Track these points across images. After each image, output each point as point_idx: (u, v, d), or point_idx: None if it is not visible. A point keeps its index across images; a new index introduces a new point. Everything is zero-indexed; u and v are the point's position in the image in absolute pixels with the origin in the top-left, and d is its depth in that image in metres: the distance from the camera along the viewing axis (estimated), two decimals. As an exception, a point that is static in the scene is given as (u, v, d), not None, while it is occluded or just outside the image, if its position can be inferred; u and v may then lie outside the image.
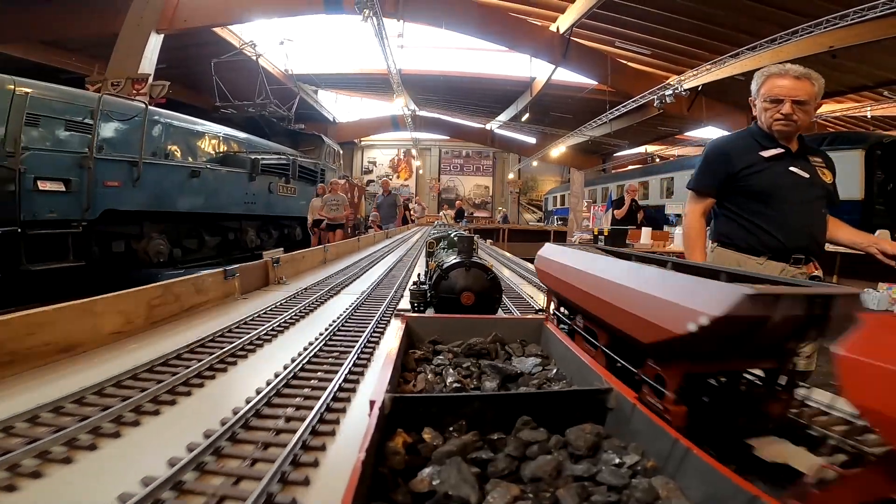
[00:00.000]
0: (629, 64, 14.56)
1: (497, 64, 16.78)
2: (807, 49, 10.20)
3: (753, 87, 2.10)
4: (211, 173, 6.92)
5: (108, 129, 5.47)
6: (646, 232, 7.34)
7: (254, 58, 11.15)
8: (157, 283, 1.88)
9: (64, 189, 4.79)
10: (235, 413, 0.98)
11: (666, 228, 9.68)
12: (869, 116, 15.53)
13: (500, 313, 1.86)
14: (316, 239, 8.56)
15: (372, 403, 0.63)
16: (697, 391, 0.88)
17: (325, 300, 2.39)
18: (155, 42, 9.93)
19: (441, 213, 20.19)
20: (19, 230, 4.22)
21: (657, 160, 20.80)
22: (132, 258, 5.82)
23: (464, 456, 0.59)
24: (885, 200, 8.25)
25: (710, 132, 18.26)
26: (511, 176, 26.32)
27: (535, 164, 24.89)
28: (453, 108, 21.75)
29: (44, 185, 4.61)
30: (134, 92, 8.66)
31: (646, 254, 1.28)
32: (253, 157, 7.86)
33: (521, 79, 16.96)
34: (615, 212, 8.72)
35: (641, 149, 23.93)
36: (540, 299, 2.46)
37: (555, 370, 0.94)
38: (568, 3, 11.77)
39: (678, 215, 11.34)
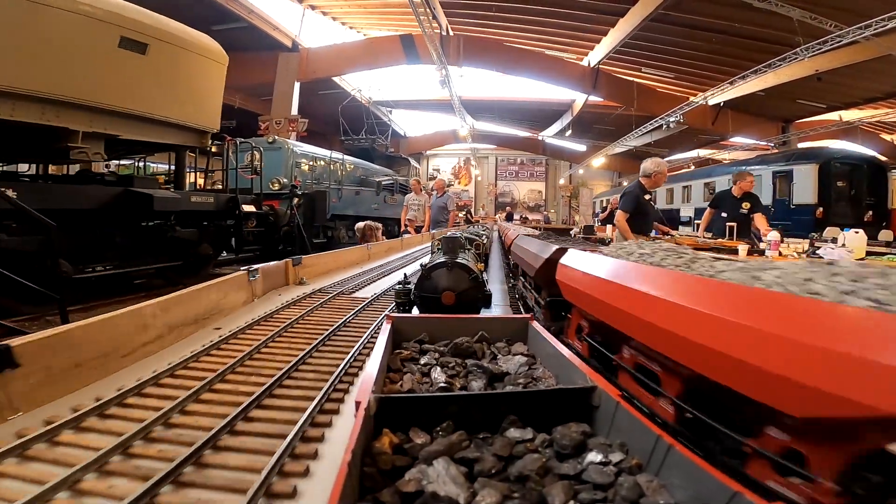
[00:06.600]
0: (654, 86, 15.49)
1: (541, 87, 17.89)
2: (799, 72, 11.20)
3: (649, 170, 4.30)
4: (363, 192, 10.82)
5: (326, 169, 9.56)
6: (609, 228, 9.66)
7: (364, 103, 14.69)
8: (371, 244, 4.72)
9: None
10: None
11: (682, 229, 10.87)
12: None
13: (494, 311, 1.87)
14: None
15: (358, 404, 0.62)
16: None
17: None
18: (297, 88, 13.23)
19: (496, 216, 23.81)
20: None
21: (691, 166, 22.66)
22: (332, 239, 9.32)
23: (451, 455, 0.59)
24: (845, 204, 9.18)
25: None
26: (562, 181, 27.51)
27: (580, 171, 26.00)
28: (506, 124, 23.27)
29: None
30: (290, 128, 12.04)
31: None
32: (377, 179, 11.67)
33: (563, 100, 18.63)
34: (600, 215, 12.63)
35: (694, 153, 25.72)
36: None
37: (541, 369, 0.91)
38: (595, 43, 13.18)
39: (690, 217, 12.93)
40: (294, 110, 12.89)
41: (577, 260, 1.30)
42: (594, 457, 0.60)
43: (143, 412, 1.10)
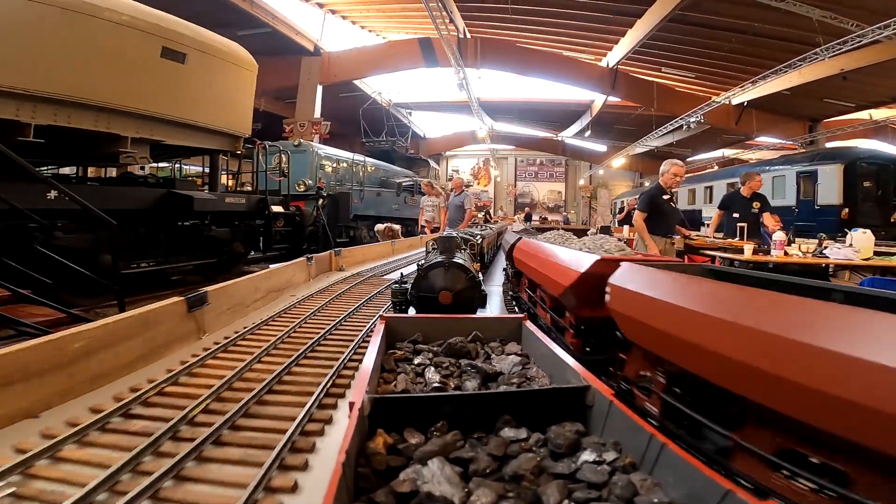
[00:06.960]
0: (675, 86, 15.21)
1: (560, 88, 17.50)
2: (823, 71, 10.78)
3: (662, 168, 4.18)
4: (383, 193, 11.24)
5: (348, 171, 10.06)
6: (626, 228, 8.91)
7: (384, 105, 15.10)
8: (395, 240, 5.89)
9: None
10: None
11: (703, 231, 12.33)
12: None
13: (489, 311, 1.93)
14: None
15: (351, 405, 0.62)
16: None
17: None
18: (319, 91, 13.53)
19: (515, 217, 23.91)
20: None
21: (714, 167, 22.29)
22: (354, 239, 9.67)
23: (446, 455, 0.59)
24: (872, 204, 8.87)
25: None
26: (581, 182, 27.11)
27: (601, 171, 25.58)
28: (525, 124, 23.06)
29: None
30: (314, 131, 12.28)
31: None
32: (397, 180, 12.13)
33: (582, 101, 18.33)
34: (618, 216, 12.93)
35: (718, 153, 25.31)
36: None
37: (534, 368, 0.92)
38: (613, 44, 13.01)
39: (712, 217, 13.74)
40: (317, 113, 13.25)
41: (524, 243, 2.18)
42: (588, 456, 0.60)
43: (275, 331, 2.12)
